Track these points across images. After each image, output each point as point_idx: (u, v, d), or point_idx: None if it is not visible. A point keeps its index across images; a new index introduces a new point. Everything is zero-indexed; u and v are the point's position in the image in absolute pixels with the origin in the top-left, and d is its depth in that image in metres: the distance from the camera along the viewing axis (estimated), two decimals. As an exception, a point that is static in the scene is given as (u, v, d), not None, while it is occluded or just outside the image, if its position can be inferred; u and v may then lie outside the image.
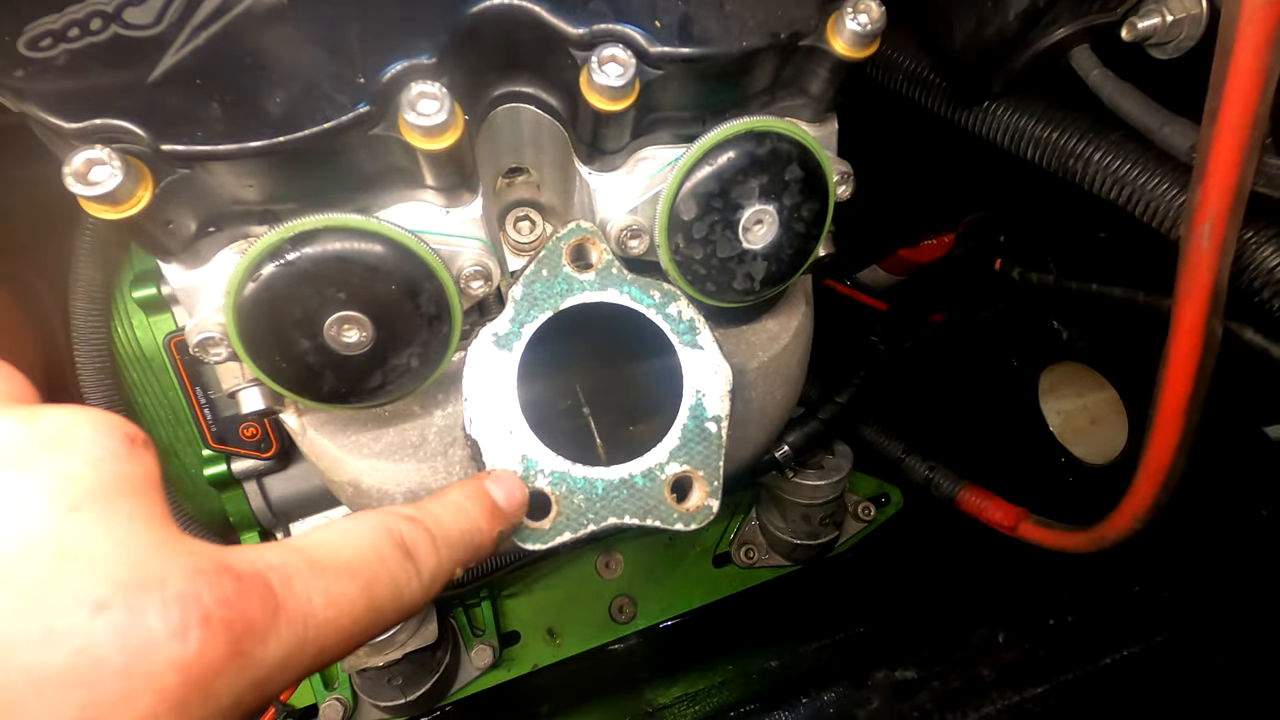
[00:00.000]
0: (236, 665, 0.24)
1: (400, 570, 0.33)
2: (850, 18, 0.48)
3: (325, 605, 0.28)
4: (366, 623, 0.30)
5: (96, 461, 0.24)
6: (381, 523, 0.34)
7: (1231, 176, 0.51)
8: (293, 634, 0.26)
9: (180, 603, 0.23)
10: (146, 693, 0.22)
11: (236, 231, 0.48)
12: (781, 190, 0.53)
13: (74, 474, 0.23)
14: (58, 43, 0.40)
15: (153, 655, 0.22)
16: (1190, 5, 0.57)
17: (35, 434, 0.24)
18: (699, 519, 0.51)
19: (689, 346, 0.54)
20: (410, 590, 0.33)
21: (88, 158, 0.39)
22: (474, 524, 0.39)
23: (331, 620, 0.28)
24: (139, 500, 0.25)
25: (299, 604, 0.27)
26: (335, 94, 0.42)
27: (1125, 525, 0.74)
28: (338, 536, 0.32)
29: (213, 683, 0.23)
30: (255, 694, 0.25)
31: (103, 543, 0.23)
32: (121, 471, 0.25)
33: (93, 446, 0.24)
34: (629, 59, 0.45)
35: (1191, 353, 0.59)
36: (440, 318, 0.49)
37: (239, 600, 0.24)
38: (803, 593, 1.21)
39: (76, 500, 0.23)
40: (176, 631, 0.22)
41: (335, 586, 0.29)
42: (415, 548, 0.34)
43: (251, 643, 0.24)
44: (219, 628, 0.23)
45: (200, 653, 0.23)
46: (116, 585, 0.22)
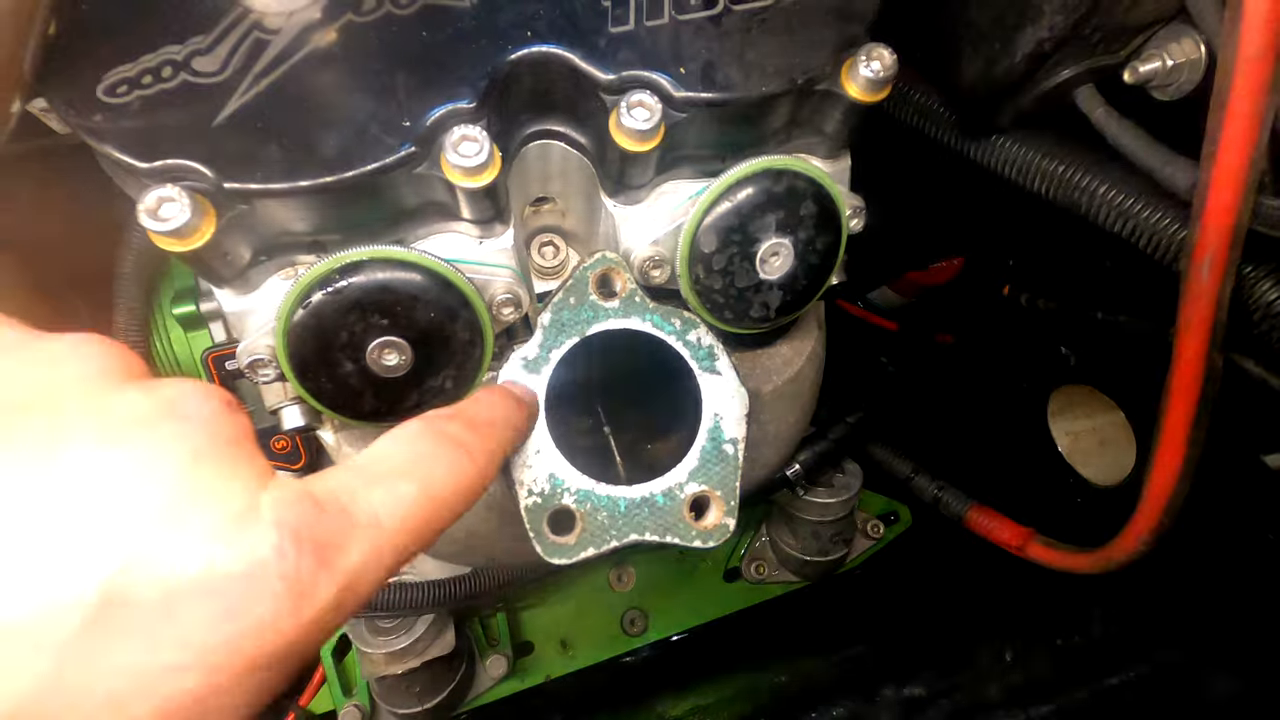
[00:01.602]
0: (326, 573, 0.28)
1: (452, 459, 0.36)
2: (863, 65, 0.51)
3: (391, 509, 0.32)
4: (431, 514, 0.34)
5: (203, 423, 0.29)
6: (424, 424, 0.38)
7: (1228, 217, 0.53)
8: (367, 539, 0.31)
9: (276, 528, 0.28)
10: (264, 598, 0.26)
11: (285, 260, 0.52)
12: (797, 224, 0.55)
13: (188, 436, 0.28)
14: (133, 89, 0.44)
15: (263, 570, 0.27)
16: (1190, 50, 0.60)
17: (156, 402, 0.28)
18: (716, 536, 0.53)
19: (708, 372, 0.56)
20: (467, 475, 0.36)
21: (160, 196, 0.42)
22: (507, 410, 0.45)
23: (398, 520, 0.32)
24: (240, 450, 0.30)
25: (367, 513, 0.31)
26: (384, 136, 0.46)
27: (1130, 548, 0.76)
28: (389, 445, 0.36)
29: (311, 589, 0.28)
30: (349, 595, 0.29)
31: (216, 487, 0.28)
32: (222, 430, 0.29)
33: (202, 409, 0.29)
34: (655, 104, 0.48)
35: (1193, 382, 0.62)
36: (474, 342, 0.52)
37: (318, 521, 0.29)
38: (812, 609, 1.23)
39: (195, 456, 0.28)
40: (277, 550, 0.27)
41: (395, 490, 0.33)
42: (460, 436, 0.38)
43: (334, 553, 0.29)
44: (307, 545, 0.28)
45: (297, 565, 0.27)
46: (229, 518, 0.27)
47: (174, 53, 0.45)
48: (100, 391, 0.28)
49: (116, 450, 0.26)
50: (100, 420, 0.27)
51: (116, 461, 0.26)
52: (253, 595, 0.26)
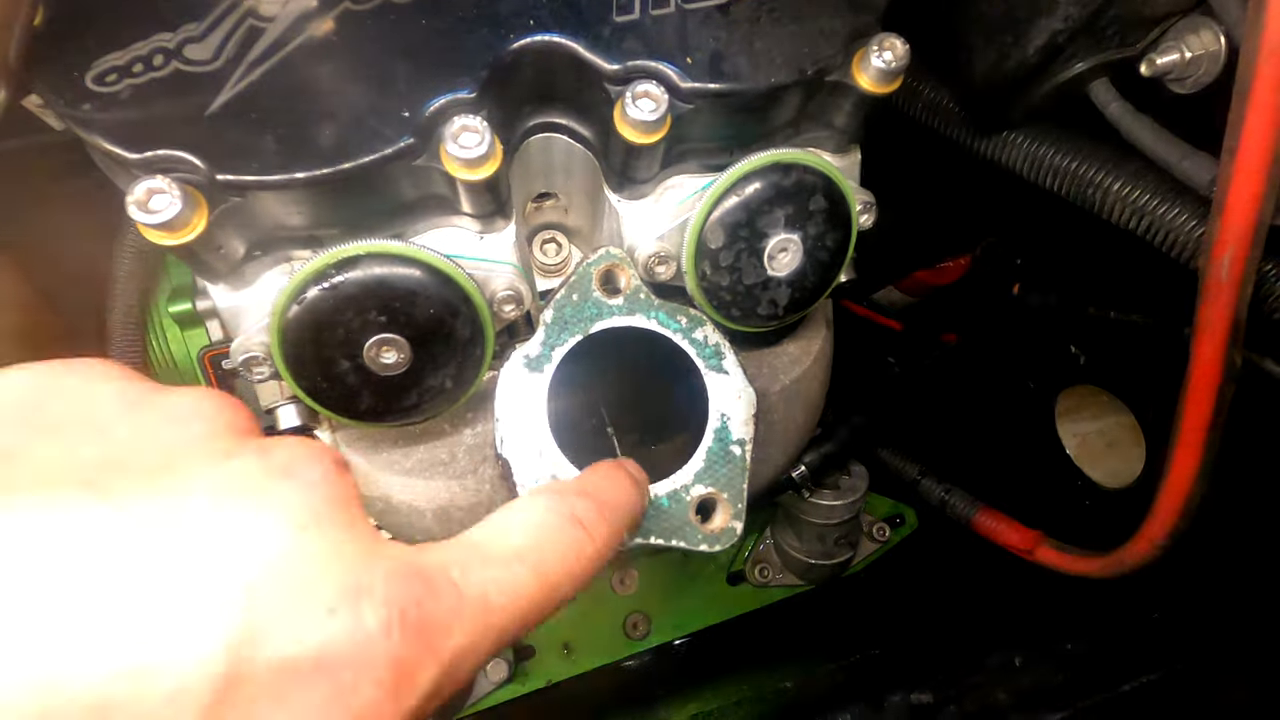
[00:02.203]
0: (431, 656, 0.28)
1: (572, 543, 0.35)
2: (875, 55, 0.50)
3: (499, 593, 0.31)
4: (541, 599, 0.33)
5: (314, 486, 0.28)
6: (549, 502, 0.36)
7: (1250, 212, 0.52)
8: (473, 624, 0.29)
9: (386, 606, 0.27)
10: (369, 683, 0.26)
11: (280, 255, 0.50)
12: (806, 220, 0.54)
13: (300, 500, 0.28)
14: (123, 78, 0.42)
15: (371, 651, 0.26)
16: (1209, 42, 0.58)
17: (269, 465, 0.28)
18: (723, 540, 0.52)
19: (714, 371, 0.55)
20: (583, 560, 0.35)
21: (149, 187, 0.41)
22: (628, 492, 0.42)
23: (506, 605, 0.31)
24: (346, 516, 0.29)
25: (476, 595, 0.30)
26: (381, 127, 0.44)
27: (1144, 551, 0.75)
28: (507, 522, 0.34)
29: (414, 673, 0.27)
30: (448, 679, 0.29)
31: (326, 556, 0.27)
32: (333, 493, 0.29)
33: (311, 474, 0.29)
34: (661, 94, 0.47)
35: (1211, 382, 0.60)
36: (474, 340, 0.51)
37: (427, 600, 0.28)
38: (817, 612, 1.21)
39: (305, 521, 0.27)
40: (385, 630, 0.26)
41: (507, 574, 0.32)
42: (585, 517, 0.36)
43: (441, 636, 0.28)
44: (414, 626, 0.27)
45: (403, 647, 0.27)
46: (340, 592, 0.26)
47: (166, 40, 0.43)
48: (220, 452, 0.28)
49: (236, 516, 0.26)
50: (219, 484, 0.27)
51: (236, 528, 0.26)
52: (361, 679, 0.26)
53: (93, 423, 0.27)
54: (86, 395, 0.28)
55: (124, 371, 0.30)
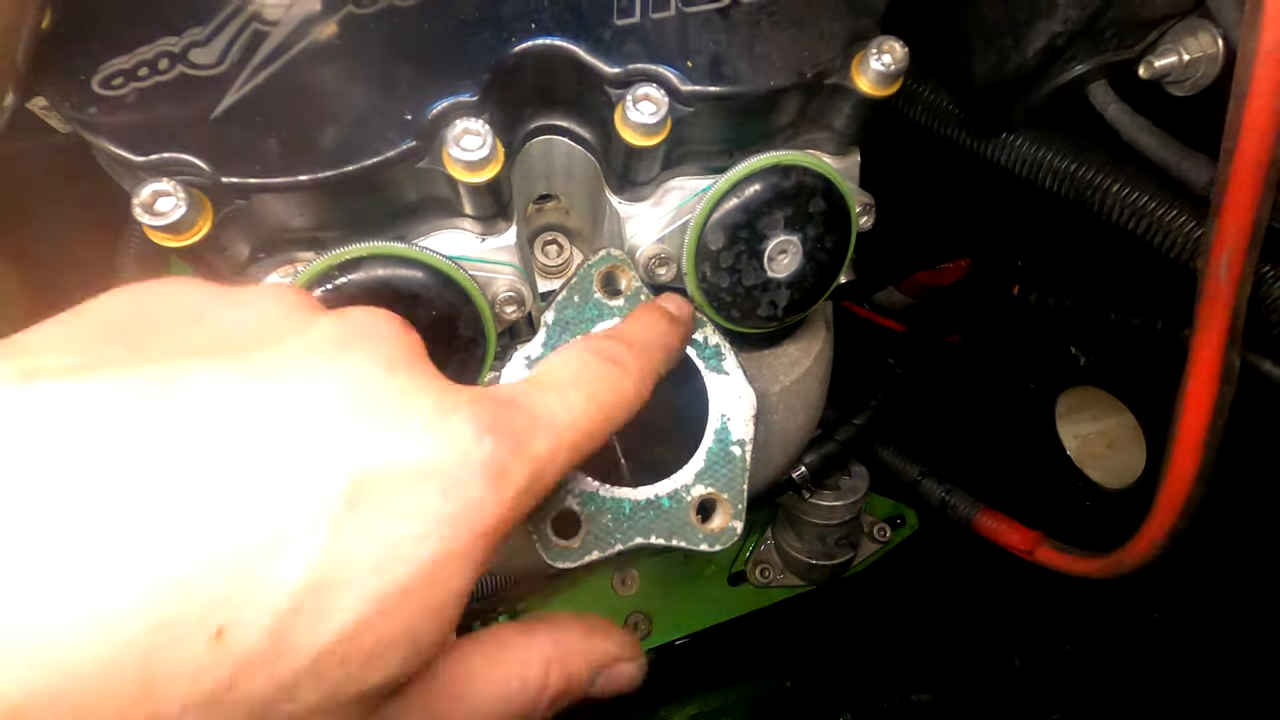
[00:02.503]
0: (518, 457, 0.32)
1: (612, 374, 0.40)
2: (874, 58, 0.50)
3: (565, 411, 0.36)
4: (599, 417, 0.38)
5: (391, 338, 0.33)
6: (582, 343, 0.42)
7: (1248, 214, 0.52)
8: (550, 434, 0.34)
9: (473, 419, 0.31)
10: (473, 479, 0.30)
11: (284, 257, 0.51)
12: (806, 222, 0.54)
13: (382, 349, 0.32)
14: (128, 81, 0.43)
15: (470, 455, 0.30)
16: (1207, 45, 0.58)
17: (348, 326, 0.32)
18: (723, 540, 0.52)
19: (714, 371, 0.55)
20: (625, 387, 0.40)
21: (155, 189, 0.41)
22: (660, 329, 0.48)
23: (572, 421, 0.36)
24: (422, 363, 0.33)
25: (546, 412, 0.35)
26: (384, 130, 0.45)
27: (1143, 552, 0.75)
28: (557, 360, 0.40)
29: (509, 471, 0.31)
30: (535, 482, 0.33)
31: (416, 389, 0.31)
32: (408, 344, 0.33)
33: (390, 328, 0.33)
34: (662, 97, 0.47)
35: (1209, 384, 0.60)
36: (476, 341, 0.51)
37: (507, 416, 0.33)
38: (818, 613, 1.21)
39: (392, 365, 0.32)
40: (477, 438, 0.31)
41: (568, 398, 0.37)
42: (617, 355, 0.41)
43: (523, 441, 0.33)
44: (501, 434, 0.32)
45: (495, 450, 0.31)
46: (433, 410, 0.31)
47: (171, 44, 0.44)
48: (302, 323, 0.32)
49: (329, 367, 0.30)
50: (310, 345, 0.31)
51: (331, 377, 0.30)
52: (463, 476, 0.30)
53: (193, 317, 0.32)
54: (181, 297, 0.33)
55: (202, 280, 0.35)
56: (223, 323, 0.32)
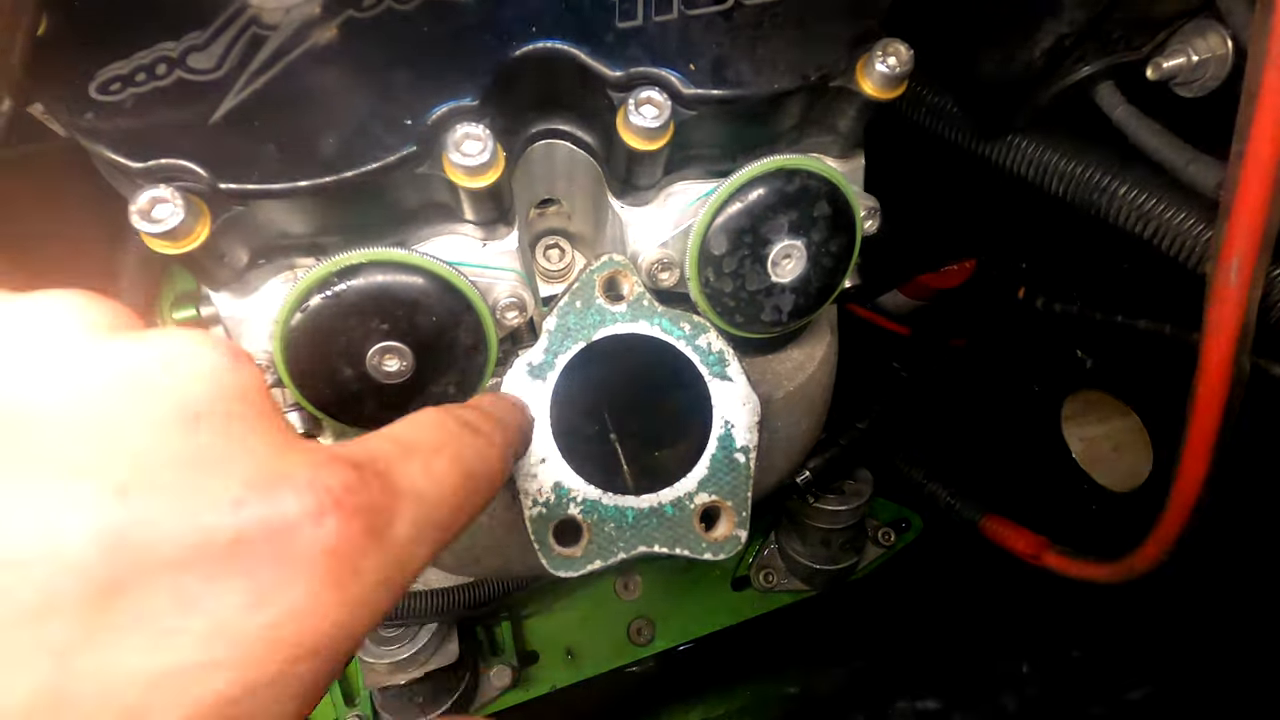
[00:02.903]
0: (375, 544, 0.25)
1: (475, 441, 0.34)
2: (879, 60, 0.49)
3: (430, 482, 0.29)
4: (468, 491, 0.31)
5: (208, 375, 0.25)
6: (443, 411, 0.35)
7: (1258, 217, 0.51)
8: (414, 510, 0.27)
9: (311, 491, 0.24)
10: (302, 575, 0.23)
11: (283, 263, 0.50)
12: (810, 226, 0.54)
13: (188, 391, 0.24)
14: (126, 87, 0.42)
15: (298, 540, 0.23)
16: (1216, 46, 0.58)
17: (145, 357, 0.25)
18: (727, 548, 0.52)
19: (718, 378, 0.55)
20: (490, 458, 0.34)
21: (152, 196, 0.41)
22: (510, 411, 0.42)
23: (440, 494, 0.29)
24: (250, 406, 0.26)
25: (410, 483, 0.28)
26: (384, 135, 0.44)
27: (1152, 557, 0.74)
28: (411, 425, 0.33)
29: (358, 562, 0.24)
30: (399, 572, 0.26)
31: (226, 447, 0.24)
32: (232, 382, 0.26)
33: (202, 362, 0.25)
34: (664, 101, 0.47)
35: (1219, 388, 0.59)
36: (477, 347, 0.51)
37: (361, 486, 0.25)
38: (822, 618, 1.20)
39: (195, 415, 0.24)
40: (313, 517, 0.23)
41: (434, 466, 0.30)
42: (478, 424, 0.35)
43: (382, 522, 0.26)
44: (350, 511, 0.24)
45: (340, 534, 0.24)
46: (247, 483, 0.23)
47: (169, 49, 0.43)
48: (82, 346, 0.24)
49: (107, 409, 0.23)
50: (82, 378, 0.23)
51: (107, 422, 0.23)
52: (287, 571, 0.22)
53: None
54: None
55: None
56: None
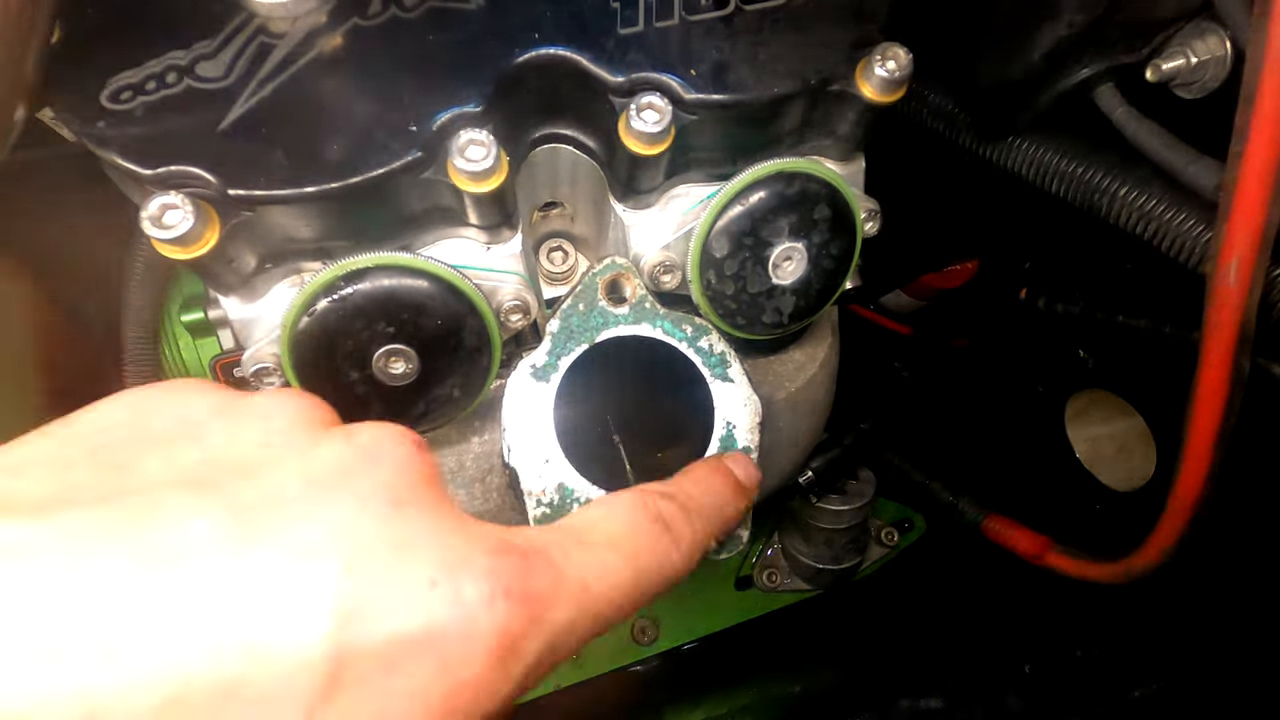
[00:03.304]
0: (535, 629, 0.28)
1: (660, 543, 0.35)
2: (879, 64, 0.50)
3: (598, 577, 0.31)
4: (634, 592, 0.33)
5: (403, 466, 0.29)
6: (639, 500, 0.36)
7: (1257, 218, 0.52)
8: (574, 602, 0.30)
9: (488, 577, 0.27)
10: (480, 653, 0.26)
11: (291, 267, 0.51)
12: (810, 228, 0.54)
13: (390, 480, 0.28)
14: (136, 95, 0.43)
15: (477, 622, 0.26)
16: (1215, 48, 0.58)
17: (356, 450, 0.29)
18: (729, 548, 0.52)
19: (720, 379, 0.55)
20: (671, 561, 0.35)
21: (163, 203, 0.41)
22: (722, 497, 0.43)
23: (604, 591, 0.31)
24: (434, 493, 0.29)
25: (576, 575, 0.30)
26: (389, 141, 0.45)
27: (1153, 558, 0.74)
28: (600, 515, 0.35)
29: (520, 644, 0.27)
30: (550, 654, 0.29)
31: (422, 531, 0.27)
32: (421, 472, 0.29)
33: (398, 453, 0.29)
34: (665, 106, 0.47)
35: (1219, 388, 0.60)
36: (481, 350, 0.51)
37: (529, 574, 0.28)
38: (825, 617, 1.21)
39: (397, 500, 0.28)
40: (487, 602, 0.26)
41: (604, 560, 0.32)
42: (673, 521, 0.36)
43: (543, 609, 0.28)
44: (518, 598, 0.27)
45: (508, 618, 0.27)
46: (439, 565, 0.26)
47: (178, 58, 0.44)
48: (306, 442, 0.29)
49: (325, 498, 0.27)
50: (309, 469, 0.28)
51: (326, 509, 0.26)
52: (467, 648, 0.26)
53: (190, 431, 0.29)
54: (183, 407, 0.30)
55: (215, 385, 0.32)
56: (221, 439, 0.29)
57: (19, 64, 0.40)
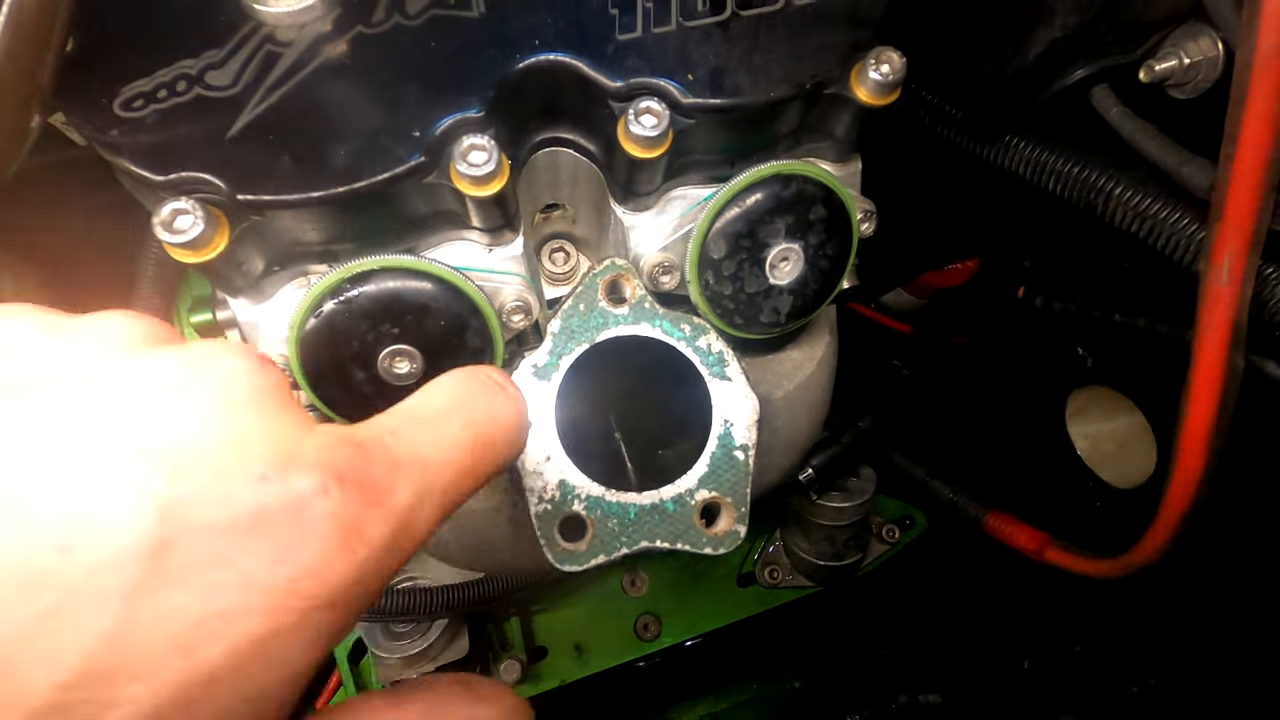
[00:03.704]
0: (375, 512, 0.28)
1: (495, 400, 0.35)
2: (872, 68, 0.51)
3: (435, 449, 0.32)
4: (481, 453, 0.33)
5: (238, 375, 0.30)
6: (463, 372, 0.37)
7: (1249, 217, 0.52)
8: (415, 478, 0.30)
9: (320, 469, 0.27)
10: (312, 539, 0.26)
11: (298, 270, 0.52)
12: (807, 229, 0.55)
13: (224, 387, 0.29)
14: (148, 103, 0.44)
15: (308, 510, 0.27)
16: (1207, 48, 0.59)
17: (189, 362, 0.29)
18: (727, 543, 0.53)
19: (718, 378, 0.56)
20: (507, 415, 0.36)
21: (174, 208, 0.43)
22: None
23: (445, 459, 0.32)
24: (275, 401, 0.30)
25: (411, 453, 0.31)
26: (393, 146, 0.46)
27: (1150, 553, 0.75)
28: (433, 389, 0.35)
29: (361, 529, 0.28)
30: (403, 535, 0.29)
31: (253, 434, 0.28)
32: (258, 381, 0.30)
33: (233, 364, 0.30)
34: (663, 110, 0.48)
35: (1213, 385, 0.60)
36: (484, 350, 0.52)
37: (362, 462, 0.29)
38: (827, 614, 1.22)
39: (229, 406, 0.28)
40: (319, 490, 0.27)
41: (439, 430, 0.32)
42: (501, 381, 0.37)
43: (381, 493, 0.29)
44: (351, 484, 0.28)
45: (343, 504, 0.27)
46: (269, 461, 0.27)
47: (188, 67, 0.45)
48: (135, 357, 0.29)
49: (155, 405, 0.27)
50: (139, 381, 0.28)
51: (155, 415, 0.27)
52: (301, 536, 0.26)
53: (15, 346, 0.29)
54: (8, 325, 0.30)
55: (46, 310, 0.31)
56: (46, 354, 0.29)
57: (34, 73, 0.41)
